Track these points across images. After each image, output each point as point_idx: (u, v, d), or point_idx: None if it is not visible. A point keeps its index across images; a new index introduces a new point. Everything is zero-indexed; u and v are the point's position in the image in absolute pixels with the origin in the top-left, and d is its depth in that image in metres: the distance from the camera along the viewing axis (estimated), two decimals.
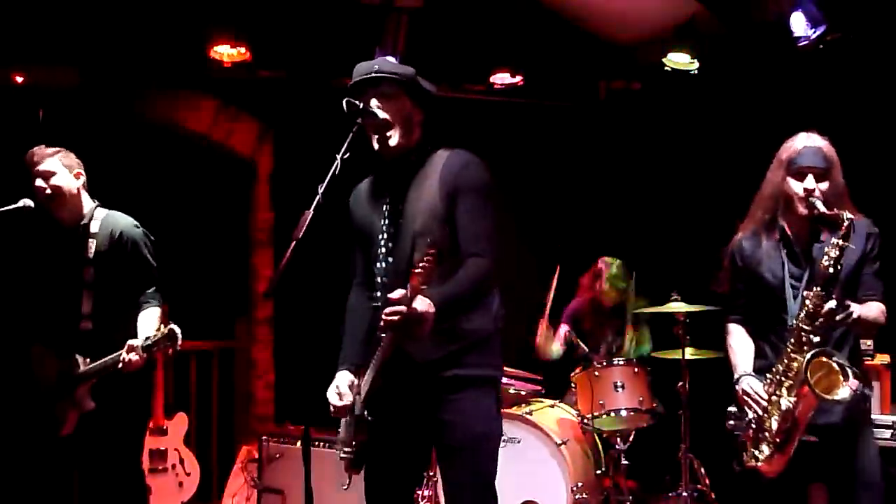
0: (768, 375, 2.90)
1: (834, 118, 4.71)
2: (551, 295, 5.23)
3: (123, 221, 3.66)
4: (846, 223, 2.75)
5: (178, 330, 3.37)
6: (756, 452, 2.88)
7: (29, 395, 3.66)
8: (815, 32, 4.55)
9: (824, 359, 2.73)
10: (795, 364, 2.81)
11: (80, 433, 3.51)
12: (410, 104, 2.72)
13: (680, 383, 4.57)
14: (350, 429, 2.74)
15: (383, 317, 2.42)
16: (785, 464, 2.83)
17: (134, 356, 3.34)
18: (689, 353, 4.54)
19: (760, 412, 2.87)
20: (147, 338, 3.38)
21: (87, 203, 3.67)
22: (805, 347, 2.78)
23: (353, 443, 2.71)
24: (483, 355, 2.67)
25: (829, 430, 2.85)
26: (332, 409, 2.74)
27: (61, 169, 3.57)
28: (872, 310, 2.88)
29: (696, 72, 5.28)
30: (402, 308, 2.36)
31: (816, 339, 2.76)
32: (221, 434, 5.92)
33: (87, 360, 3.48)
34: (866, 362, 3.83)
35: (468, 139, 2.89)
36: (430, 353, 2.60)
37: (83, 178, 3.66)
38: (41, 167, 3.55)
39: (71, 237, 3.61)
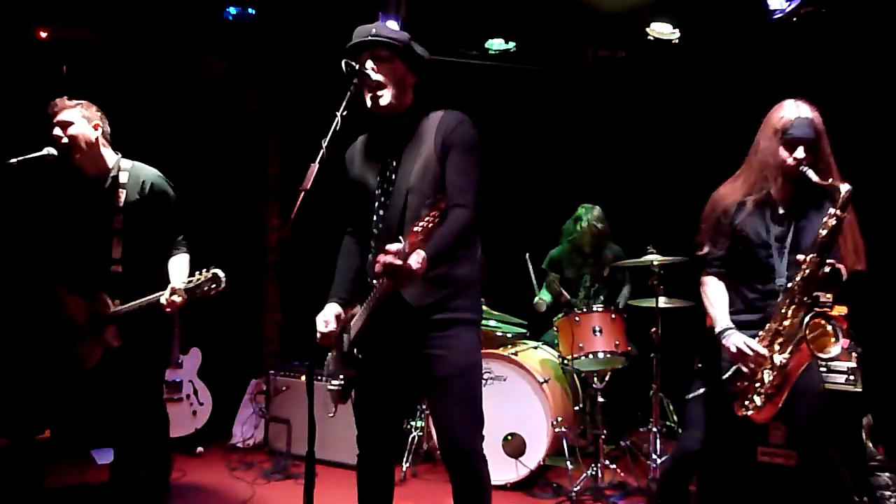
0: (761, 333, 2.87)
1: (805, 89, 4.67)
2: (532, 274, 5.26)
3: (151, 172, 3.61)
4: (844, 194, 2.71)
5: (221, 273, 3.36)
6: (748, 403, 2.87)
7: (54, 332, 3.64)
8: (789, 5, 4.47)
9: (820, 320, 2.73)
10: (788, 322, 2.80)
11: (107, 367, 3.51)
12: (404, 67, 2.69)
13: (653, 329, 4.58)
14: (338, 363, 2.78)
15: (377, 264, 2.36)
16: (774, 413, 2.83)
17: (177, 297, 3.33)
18: (663, 302, 4.54)
19: (755, 366, 2.84)
20: (189, 280, 3.36)
21: (110, 155, 3.60)
22: (798, 307, 2.77)
23: (341, 376, 2.75)
24: (467, 299, 2.66)
25: None
26: (318, 335, 2.75)
27: (79, 119, 3.50)
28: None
29: (677, 41, 5.21)
30: (398, 262, 2.29)
31: (808, 300, 2.75)
32: (232, 368, 5.93)
33: (117, 301, 3.45)
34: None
35: (464, 102, 2.85)
36: (425, 298, 2.61)
37: (101, 130, 3.57)
38: (60, 117, 3.48)
39: (98, 187, 3.55)
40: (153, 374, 3.67)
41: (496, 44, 5.74)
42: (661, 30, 5.17)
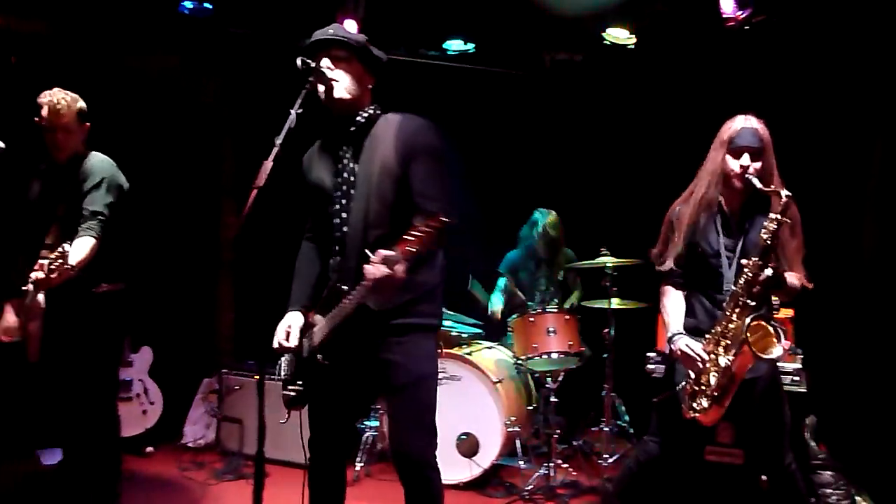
0: (707, 336, 2.92)
1: (757, 95, 4.76)
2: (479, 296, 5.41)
3: (98, 158, 3.53)
4: (784, 200, 2.76)
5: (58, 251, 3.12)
6: (695, 405, 2.90)
7: None
8: (742, 14, 4.55)
9: (762, 322, 2.76)
10: (733, 325, 2.83)
11: (53, 364, 3.41)
12: (361, 69, 2.66)
13: (606, 330, 4.63)
14: (295, 369, 2.74)
15: (367, 271, 2.29)
16: (721, 414, 2.87)
17: (40, 273, 3.12)
18: (615, 303, 4.59)
19: (700, 368, 2.89)
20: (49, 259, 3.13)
21: (79, 146, 3.54)
22: (742, 311, 2.81)
23: (299, 383, 2.71)
24: (429, 305, 2.64)
25: (753, 381, 2.92)
26: (277, 344, 2.71)
27: (77, 126, 3.47)
28: (794, 278, 2.93)
29: (633, 46, 5.27)
30: (388, 271, 2.23)
31: (752, 303, 2.79)
32: (184, 367, 5.83)
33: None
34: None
35: (422, 102, 2.83)
36: (387, 302, 2.55)
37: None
38: (63, 121, 3.42)
39: (57, 176, 3.48)
40: (102, 373, 3.57)
41: (455, 45, 5.74)
42: (618, 35, 5.22)
